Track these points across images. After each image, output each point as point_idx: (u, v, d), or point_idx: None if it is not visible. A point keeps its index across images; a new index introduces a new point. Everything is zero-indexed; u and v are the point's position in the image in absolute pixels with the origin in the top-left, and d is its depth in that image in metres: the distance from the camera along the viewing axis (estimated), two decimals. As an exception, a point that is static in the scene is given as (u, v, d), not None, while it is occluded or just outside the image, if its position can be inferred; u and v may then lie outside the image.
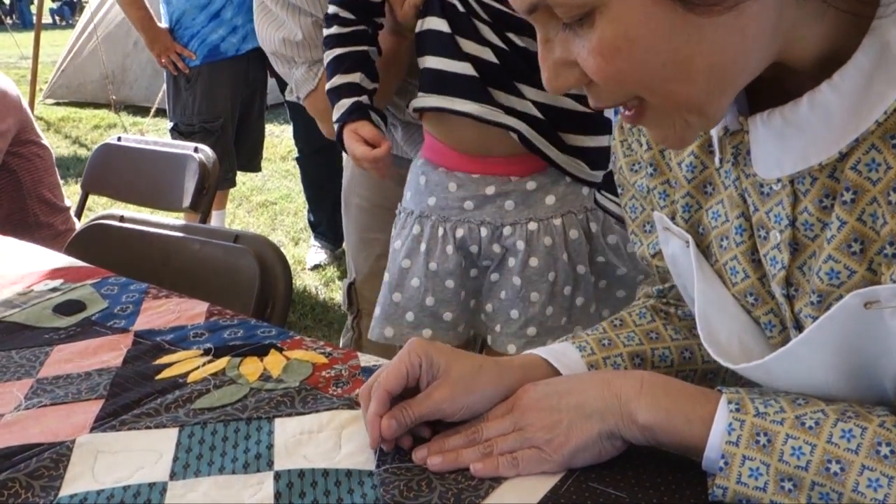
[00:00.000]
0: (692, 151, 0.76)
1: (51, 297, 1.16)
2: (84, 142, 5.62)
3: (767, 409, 0.64)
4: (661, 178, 0.80)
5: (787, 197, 0.66)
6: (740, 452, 0.63)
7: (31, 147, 1.90)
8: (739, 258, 0.73)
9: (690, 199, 0.77)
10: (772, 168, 0.66)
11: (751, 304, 0.74)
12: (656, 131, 0.65)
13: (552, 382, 0.77)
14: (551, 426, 0.72)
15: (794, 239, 0.67)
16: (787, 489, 0.62)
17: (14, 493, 0.73)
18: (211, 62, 3.05)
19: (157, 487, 0.73)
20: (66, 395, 0.89)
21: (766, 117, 0.64)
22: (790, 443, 0.62)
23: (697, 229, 0.78)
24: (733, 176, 0.72)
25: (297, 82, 1.35)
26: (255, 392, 0.88)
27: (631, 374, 0.74)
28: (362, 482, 0.73)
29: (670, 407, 0.68)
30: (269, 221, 4.00)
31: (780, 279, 0.69)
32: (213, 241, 1.38)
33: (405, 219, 1.26)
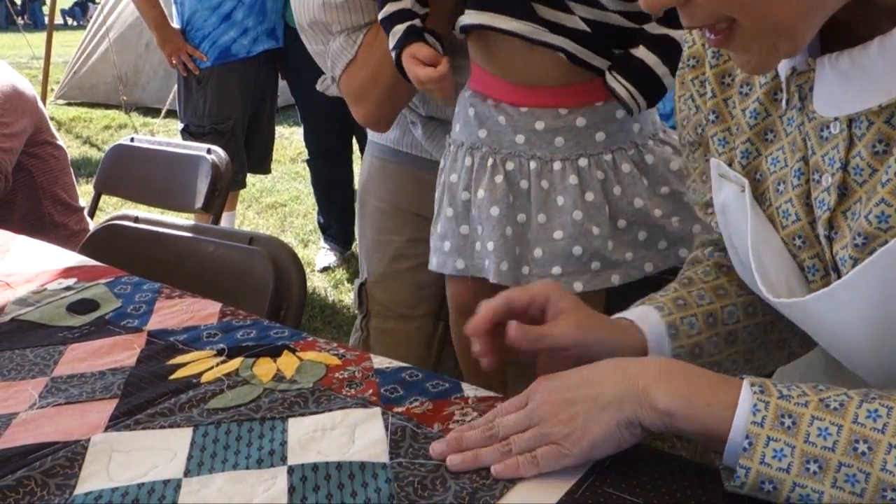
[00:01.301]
0: (757, 98, 0.78)
1: (65, 296, 1.16)
2: (95, 142, 5.65)
3: (791, 392, 0.65)
4: (722, 125, 0.82)
5: (843, 141, 0.68)
6: (765, 433, 0.63)
7: (46, 147, 1.91)
8: (794, 201, 0.74)
9: (750, 146, 0.79)
10: (831, 107, 0.68)
11: (797, 248, 0.75)
12: (741, 55, 0.66)
13: (566, 375, 0.76)
14: (568, 420, 0.71)
15: (844, 183, 0.68)
16: (813, 471, 0.61)
17: (30, 490, 0.73)
18: (222, 64, 3.07)
19: (171, 484, 0.73)
20: (80, 394, 0.90)
21: (835, 58, 0.66)
22: (816, 424, 0.62)
23: (754, 176, 0.79)
24: (797, 121, 0.73)
25: (333, 55, 1.30)
26: (268, 392, 0.88)
27: (647, 360, 0.74)
28: (376, 475, 0.73)
29: (690, 393, 0.68)
30: (278, 223, 4.01)
31: (824, 221, 0.70)
32: (227, 243, 1.38)
33: (456, 151, 1.23)
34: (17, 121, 1.80)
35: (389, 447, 0.77)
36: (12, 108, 1.80)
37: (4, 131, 1.75)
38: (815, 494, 0.61)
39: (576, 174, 1.14)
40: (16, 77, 1.90)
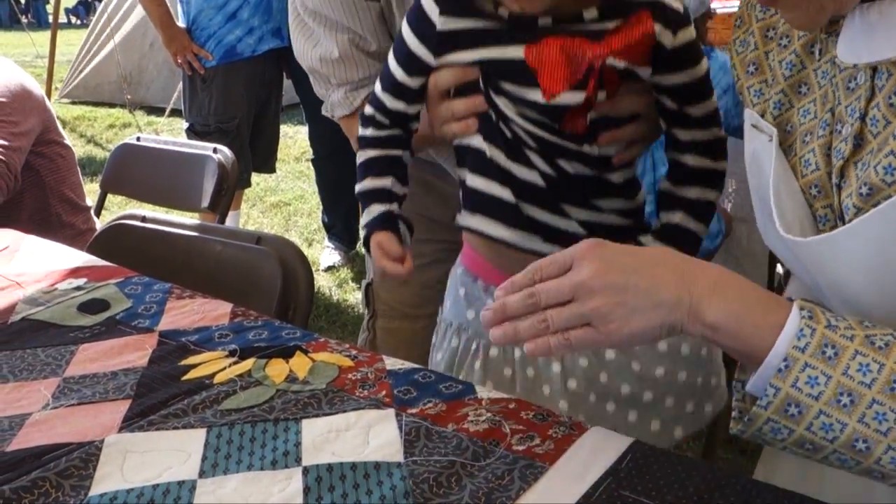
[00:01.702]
0: (794, 50, 0.80)
1: (75, 296, 1.16)
2: (99, 141, 5.65)
3: (838, 322, 0.64)
4: (760, 76, 0.84)
5: (865, 91, 0.69)
6: (804, 359, 0.63)
7: (53, 147, 1.91)
8: (816, 150, 0.75)
9: (783, 97, 0.81)
10: (852, 54, 0.69)
11: (813, 197, 0.76)
12: (789, 13, 0.68)
13: (620, 252, 0.72)
14: (614, 304, 0.68)
15: (861, 133, 0.70)
16: (843, 403, 0.61)
17: (44, 492, 0.73)
18: (227, 63, 3.06)
19: (186, 485, 0.73)
20: (93, 395, 0.90)
21: (866, 9, 0.68)
22: (858, 359, 0.62)
23: (785, 127, 0.80)
24: (830, 73, 0.75)
25: (332, 104, 1.31)
26: (281, 394, 0.88)
27: (705, 267, 0.71)
28: (391, 473, 0.73)
29: (741, 312, 0.67)
30: (282, 222, 4.01)
31: (837, 169, 0.72)
32: (235, 243, 1.38)
33: (445, 329, 1.20)
34: (25, 120, 1.80)
35: (404, 447, 0.77)
36: (21, 107, 1.80)
37: (13, 130, 1.75)
38: (838, 425, 0.61)
39: (559, 362, 1.08)
40: (24, 76, 1.89)
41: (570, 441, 0.78)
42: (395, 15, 1.19)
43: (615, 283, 0.68)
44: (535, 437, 0.78)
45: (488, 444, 0.78)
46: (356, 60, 1.23)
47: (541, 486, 0.71)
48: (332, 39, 1.23)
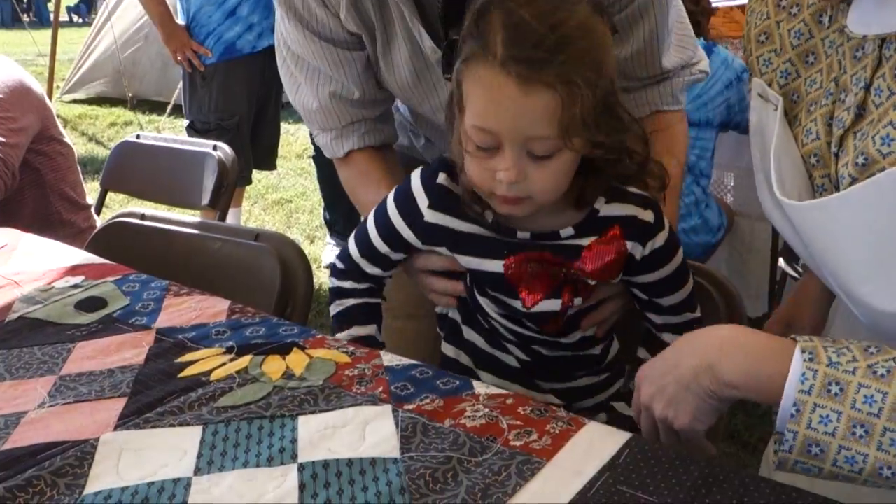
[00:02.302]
0: (803, 19, 0.80)
1: (72, 294, 1.16)
2: (101, 139, 5.65)
3: (840, 358, 0.67)
4: (769, 45, 0.85)
5: (872, 62, 0.69)
6: (812, 400, 0.66)
7: (53, 144, 1.91)
8: (818, 120, 0.76)
9: (790, 67, 0.82)
10: (863, 25, 0.70)
11: (811, 166, 0.77)
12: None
13: (658, 360, 0.83)
14: (665, 405, 0.78)
15: (863, 103, 0.70)
16: (859, 435, 0.64)
17: (39, 490, 0.73)
18: (227, 60, 3.06)
19: (181, 483, 0.73)
20: (89, 393, 0.89)
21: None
22: (863, 391, 0.64)
23: (791, 97, 0.82)
24: (838, 42, 0.75)
25: (323, 146, 1.29)
26: (278, 390, 0.88)
27: (711, 332, 0.79)
28: (387, 469, 0.73)
29: (751, 367, 0.72)
30: (284, 219, 4.01)
31: (836, 138, 0.72)
32: (234, 240, 1.38)
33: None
34: (23, 116, 1.80)
35: (400, 443, 0.77)
36: (19, 103, 1.80)
37: (11, 126, 1.75)
38: (860, 457, 0.64)
39: None
40: (23, 73, 1.89)
41: (568, 436, 0.77)
42: (381, 64, 1.17)
43: (660, 387, 0.79)
44: (533, 433, 0.78)
45: (485, 439, 0.77)
46: (337, 111, 1.21)
47: (538, 481, 0.71)
48: (313, 91, 1.20)
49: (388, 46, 1.14)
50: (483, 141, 0.89)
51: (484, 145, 0.89)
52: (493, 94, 0.86)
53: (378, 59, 1.17)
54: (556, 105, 0.85)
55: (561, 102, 0.85)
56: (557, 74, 0.84)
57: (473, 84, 0.88)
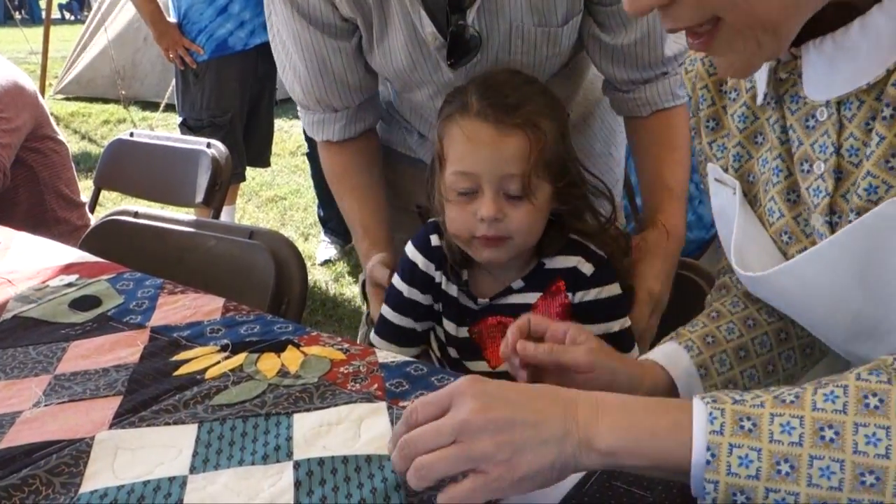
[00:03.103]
0: (744, 102, 0.79)
1: (66, 293, 1.16)
2: (94, 137, 5.64)
3: (744, 396, 0.62)
4: (721, 131, 0.84)
5: (833, 125, 0.68)
6: (726, 441, 0.59)
7: (47, 142, 1.90)
8: (776, 198, 0.75)
9: (741, 149, 0.80)
10: (821, 91, 0.68)
11: (785, 244, 0.76)
12: (725, 58, 0.66)
13: (502, 387, 0.67)
14: (501, 444, 0.62)
15: (839, 167, 0.69)
16: (785, 472, 0.57)
17: (35, 489, 0.73)
18: (219, 57, 3.05)
19: (177, 481, 0.73)
20: (84, 392, 0.89)
21: (819, 43, 0.67)
22: (777, 420, 0.59)
23: (747, 178, 0.81)
24: (775, 118, 0.74)
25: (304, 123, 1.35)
26: (273, 388, 0.88)
27: (587, 395, 0.66)
28: (382, 466, 0.73)
29: (631, 426, 0.63)
30: (278, 217, 4.01)
31: (823, 207, 0.70)
32: (228, 238, 1.38)
33: None
34: (17, 116, 1.79)
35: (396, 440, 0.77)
36: (13, 102, 1.79)
37: (4, 127, 1.75)
38: (791, 497, 0.57)
39: None
40: (16, 72, 1.89)
41: (562, 432, 0.77)
42: (376, 50, 1.18)
43: (499, 420, 0.63)
44: (527, 429, 0.78)
45: (480, 436, 0.77)
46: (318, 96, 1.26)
47: (532, 477, 0.71)
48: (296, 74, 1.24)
49: (385, 31, 1.15)
50: (463, 186, 1.01)
51: (464, 190, 1.02)
52: (471, 140, 1.01)
53: (373, 45, 1.17)
54: (525, 145, 0.99)
55: (529, 144, 0.99)
56: (526, 119, 1.00)
57: (453, 136, 1.03)
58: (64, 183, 1.95)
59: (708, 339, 0.87)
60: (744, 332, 0.88)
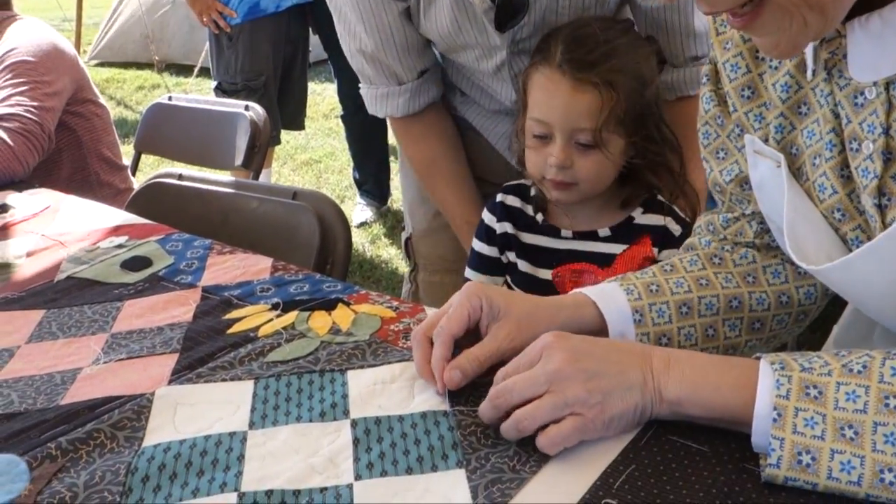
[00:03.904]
0: (787, 71, 0.75)
1: (117, 254, 1.18)
2: (129, 103, 5.67)
3: (812, 364, 0.63)
4: (757, 100, 0.80)
5: (882, 105, 0.65)
6: (792, 405, 0.61)
7: (88, 106, 1.92)
8: (828, 173, 0.72)
9: (784, 120, 0.77)
10: (868, 71, 0.65)
11: (838, 221, 0.74)
12: (768, 38, 0.64)
13: (586, 342, 0.73)
14: (591, 389, 0.68)
15: (888, 147, 0.66)
16: (849, 437, 0.59)
17: (100, 443, 0.75)
18: (252, 20, 3.04)
19: (237, 436, 0.74)
20: (141, 349, 0.91)
21: (865, 20, 0.63)
22: (843, 389, 0.61)
23: (790, 150, 0.77)
24: (826, 91, 0.71)
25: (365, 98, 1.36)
26: (325, 345, 0.89)
27: (660, 349, 0.72)
28: (438, 422, 0.74)
29: (697, 379, 0.68)
30: (313, 179, 4.02)
31: (872, 189, 0.68)
32: (272, 199, 1.38)
33: None
34: (58, 79, 1.80)
35: (449, 396, 0.77)
36: (54, 66, 1.80)
37: (46, 90, 1.76)
38: (857, 460, 0.58)
39: None
40: (56, 36, 1.90)
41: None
42: (421, 13, 1.19)
43: (588, 370, 0.68)
44: (581, 384, 0.78)
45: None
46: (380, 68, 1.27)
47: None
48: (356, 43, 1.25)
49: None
50: (539, 131, 1.10)
51: (539, 134, 1.10)
52: (549, 90, 1.08)
53: (419, 7, 1.16)
54: (598, 102, 1.05)
55: (602, 101, 1.04)
56: (602, 77, 1.04)
57: (534, 83, 1.10)
58: (106, 146, 1.96)
59: (652, 286, 0.84)
60: (693, 289, 0.85)
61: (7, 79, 1.74)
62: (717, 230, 0.92)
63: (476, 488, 0.66)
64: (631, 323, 0.83)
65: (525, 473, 0.67)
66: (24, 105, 1.71)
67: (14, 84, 1.73)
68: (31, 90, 1.73)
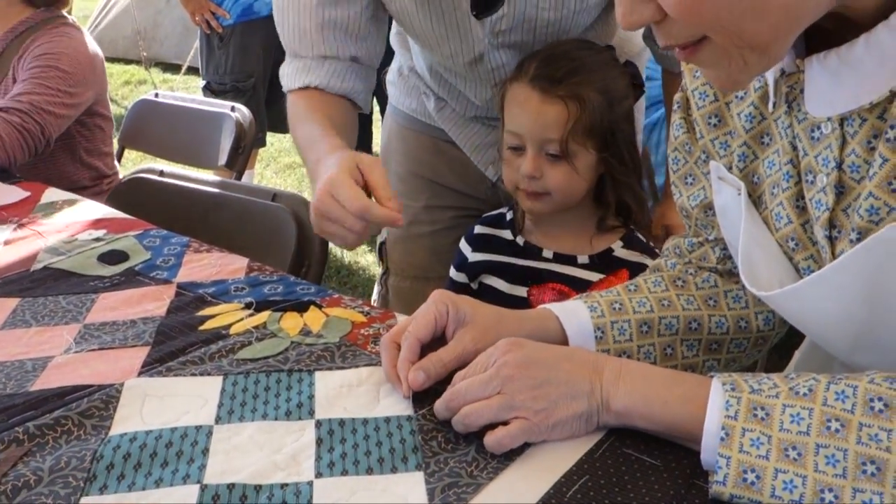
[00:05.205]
0: (752, 102, 0.78)
1: (94, 247, 1.19)
2: (114, 97, 5.65)
3: (761, 385, 0.66)
4: (724, 128, 0.82)
5: (836, 140, 0.68)
6: (739, 425, 0.64)
7: (96, 119, 1.90)
8: (784, 203, 0.75)
9: (747, 149, 0.80)
10: (823, 107, 0.68)
11: (791, 250, 0.76)
12: (710, 70, 0.66)
13: (537, 349, 0.76)
14: (539, 396, 0.72)
15: (840, 181, 0.69)
16: (793, 458, 0.62)
17: (67, 430, 0.76)
18: (244, 21, 3.06)
19: (203, 430, 0.76)
20: (113, 341, 0.92)
21: (823, 58, 0.66)
22: (788, 411, 0.64)
23: (752, 179, 0.80)
24: (786, 123, 0.74)
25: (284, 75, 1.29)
26: (295, 346, 0.90)
27: (614, 360, 0.75)
28: (401, 426, 0.76)
29: (646, 392, 0.71)
30: (296, 183, 4.03)
31: (823, 221, 0.71)
32: (251, 199, 1.40)
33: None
34: (83, 93, 1.81)
35: (413, 402, 0.79)
36: (84, 81, 1.80)
37: (66, 101, 1.76)
38: (799, 479, 0.62)
39: None
40: (97, 48, 1.89)
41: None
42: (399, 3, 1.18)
43: (537, 377, 0.73)
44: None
45: (496, 400, 0.79)
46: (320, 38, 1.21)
47: (548, 442, 0.73)
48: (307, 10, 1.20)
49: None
50: (512, 142, 1.18)
51: (513, 146, 1.18)
52: (521, 104, 1.15)
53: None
54: (565, 114, 1.12)
55: (568, 113, 1.12)
56: (569, 91, 1.12)
57: (510, 98, 1.18)
58: (99, 157, 1.95)
59: (615, 305, 0.88)
60: (655, 308, 0.88)
61: (33, 75, 1.73)
62: (682, 253, 0.95)
63: (433, 491, 0.67)
64: (592, 339, 0.86)
65: (482, 479, 0.69)
66: (35, 106, 1.70)
67: (37, 84, 1.73)
68: (50, 97, 1.73)
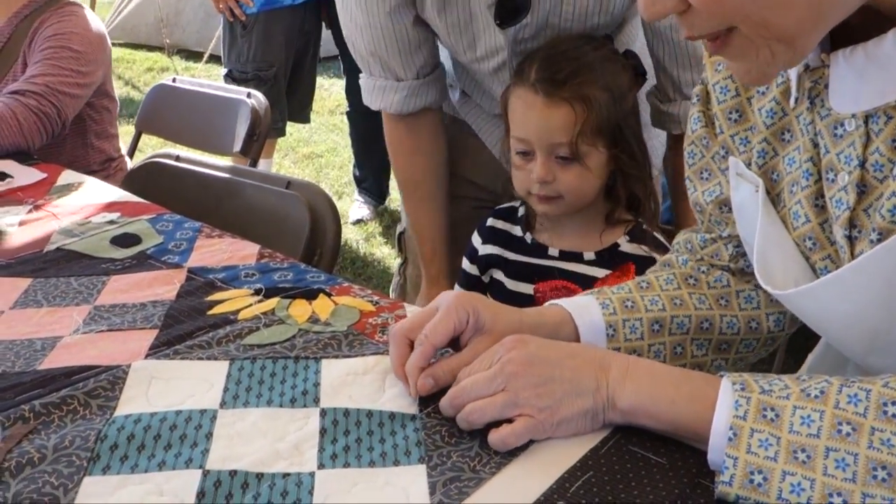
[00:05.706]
0: (773, 97, 0.76)
1: (108, 230, 1.19)
2: (137, 84, 5.69)
3: (772, 386, 0.65)
4: (744, 124, 0.81)
5: (860, 137, 0.66)
6: (748, 426, 0.63)
7: (102, 100, 1.92)
8: (803, 202, 0.74)
9: (766, 146, 0.78)
10: (848, 103, 0.66)
11: (809, 249, 0.75)
12: (739, 64, 0.65)
13: (542, 346, 0.75)
14: (543, 393, 0.71)
15: (863, 180, 0.67)
16: (802, 460, 0.61)
17: (73, 409, 0.76)
18: (268, 10, 3.06)
19: (207, 414, 0.76)
20: (121, 323, 0.92)
21: (849, 53, 0.64)
22: (798, 413, 0.62)
23: (771, 176, 0.79)
24: (807, 119, 0.72)
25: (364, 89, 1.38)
26: (303, 333, 0.90)
27: (621, 358, 0.74)
28: (405, 425, 0.75)
29: (652, 391, 0.70)
30: (314, 174, 4.03)
31: (843, 220, 0.69)
32: (265, 186, 1.40)
33: None
34: (94, 71, 1.82)
35: (419, 400, 0.78)
36: (95, 59, 1.82)
37: (79, 80, 1.77)
38: (807, 482, 0.60)
39: None
40: (102, 26, 1.91)
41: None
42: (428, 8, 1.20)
43: (542, 375, 0.72)
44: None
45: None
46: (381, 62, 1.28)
47: (553, 438, 0.72)
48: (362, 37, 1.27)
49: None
50: (520, 148, 1.15)
51: (521, 151, 1.15)
52: (525, 109, 1.13)
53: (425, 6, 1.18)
54: (572, 116, 1.09)
55: (575, 115, 1.09)
56: (573, 92, 1.09)
57: (512, 104, 1.15)
58: (106, 139, 1.96)
59: (627, 303, 0.87)
60: (667, 307, 0.87)
61: (46, 56, 1.74)
62: (694, 249, 0.94)
63: (435, 484, 0.67)
64: (603, 336, 0.85)
65: (484, 474, 0.68)
66: (51, 87, 1.71)
67: (50, 65, 1.73)
68: (64, 77, 1.74)
